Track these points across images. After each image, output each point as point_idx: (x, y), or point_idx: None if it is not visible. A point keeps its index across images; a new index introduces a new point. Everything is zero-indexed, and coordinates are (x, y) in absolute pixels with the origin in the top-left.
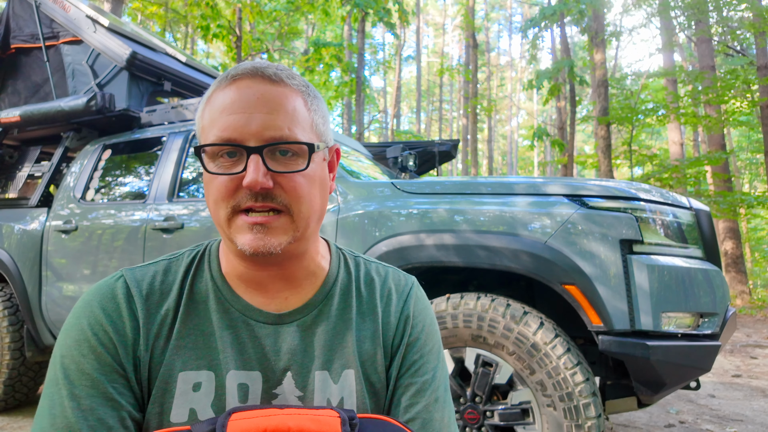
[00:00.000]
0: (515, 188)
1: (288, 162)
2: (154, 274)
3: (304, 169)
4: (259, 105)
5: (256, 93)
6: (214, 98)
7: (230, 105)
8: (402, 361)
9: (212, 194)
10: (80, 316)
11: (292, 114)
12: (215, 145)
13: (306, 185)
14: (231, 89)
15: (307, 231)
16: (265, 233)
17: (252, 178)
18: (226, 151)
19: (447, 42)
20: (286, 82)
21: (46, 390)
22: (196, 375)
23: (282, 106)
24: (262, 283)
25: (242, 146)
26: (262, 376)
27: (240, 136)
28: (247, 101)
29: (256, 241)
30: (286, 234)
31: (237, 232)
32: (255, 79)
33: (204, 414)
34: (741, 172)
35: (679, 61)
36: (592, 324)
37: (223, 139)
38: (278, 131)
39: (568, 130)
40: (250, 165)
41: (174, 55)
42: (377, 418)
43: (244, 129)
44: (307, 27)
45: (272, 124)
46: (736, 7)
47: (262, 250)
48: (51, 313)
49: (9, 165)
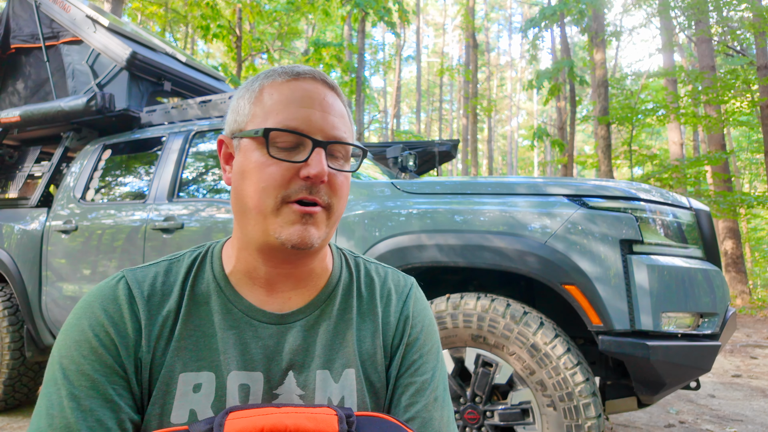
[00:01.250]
0: (515, 188)
1: (337, 162)
2: (155, 275)
3: (355, 170)
4: (325, 106)
5: (322, 94)
6: (271, 91)
7: (299, 99)
8: (401, 360)
9: (262, 180)
10: (81, 317)
11: (347, 123)
12: (286, 131)
13: (346, 185)
14: (294, 85)
15: (333, 230)
16: (312, 224)
17: (319, 168)
18: (287, 140)
19: (447, 42)
20: (340, 94)
21: (44, 390)
22: (197, 376)
23: (341, 113)
24: (270, 281)
25: (311, 138)
26: (264, 377)
27: (308, 128)
28: (314, 99)
29: (303, 231)
30: (324, 228)
31: (285, 222)
32: (318, 82)
33: (204, 415)
34: (741, 172)
35: (679, 61)
36: (592, 324)
37: (291, 127)
38: (339, 132)
39: (568, 130)
40: (315, 156)
41: (174, 55)
42: (374, 416)
43: (314, 123)
44: (307, 27)
45: (336, 124)
46: (736, 7)
47: (307, 241)
48: (51, 313)
49: (9, 165)
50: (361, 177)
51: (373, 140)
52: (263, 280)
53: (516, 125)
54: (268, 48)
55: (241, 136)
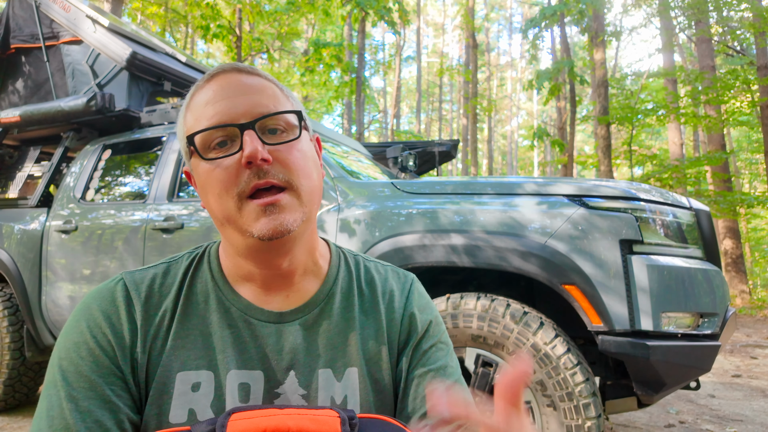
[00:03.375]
0: (515, 188)
1: (279, 137)
2: (154, 277)
3: (297, 137)
4: (240, 90)
5: (237, 82)
6: (194, 99)
7: (213, 96)
8: (412, 354)
9: (214, 187)
10: (79, 319)
11: (272, 96)
12: (206, 129)
13: (301, 158)
14: (210, 84)
15: (312, 210)
16: (279, 212)
17: (251, 149)
18: (219, 138)
19: (447, 42)
20: (260, 74)
21: (44, 392)
22: (196, 375)
23: (262, 90)
24: (266, 282)
25: (234, 125)
26: (264, 376)
27: (229, 118)
28: (228, 89)
29: (271, 222)
30: (296, 211)
31: (250, 219)
32: (231, 73)
33: (203, 414)
34: (741, 172)
35: (679, 61)
36: (592, 324)
37: (213, 124)
38: (265, 108)
39: (568, 130)
40: (246, 139)
41: (174, 55)
42: (377, 418)
43: (232, 111)
44: (307, 27)
45: (258, 102)
46: (736, 7)
47: (280, 229)
48: (51, 314)
49: (9, 165)
50: (362, 177)
51: (373, 140)
52: (259, 281)
53: (516, 125)
54: (268, 48)
55: (188, 157)
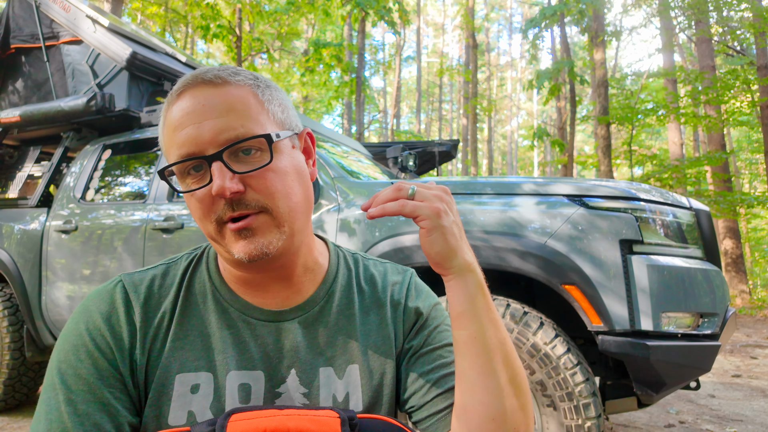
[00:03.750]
0: (515, 188)
1: (253, 161)
2: (153, 278)
3: (268, 163)
4: (206, 112)
5: (201, 101)
6: (167, 117)
7: (179, 120)
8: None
9: (194, 213)
10: (78, 321)
11: (242, 111)
12: (176, 163)
13: (278, 180)
14: (177, 104)
15: (294, 225)
16: (253, 235)
17: (218, 185)
18: (191, 167)
19: (447, 42)
20: (229, 81)
21: (43, 394)
22: (195, 377)
23: (230, 106)
24: (262, 284)
25: (201, 157)
26: (264, 375)
27: (197, 147)
28: (194, 111)
29: (247, 245)
30: (271, 232)
31: (230, 242)
32: (197, 88)
33: (202, 416)
34: (741, 172)
35: (679, 61)
36: (592, 324)
37: (182, 155)
38: (232, 131)
39: (568, 130)
40: (214, 172)
41: (174, 55)
42: (377, 418)
43: (199, 139)
44: (307, 27)
45: (224, 126)
46: (736, 7)
47: (256, 253)
48: (51, 314)
49: (9, 165)
50: (362, 177)
51: (373, 140)
52: (256, 285)
53: (516, 125)
54: (268, 48)
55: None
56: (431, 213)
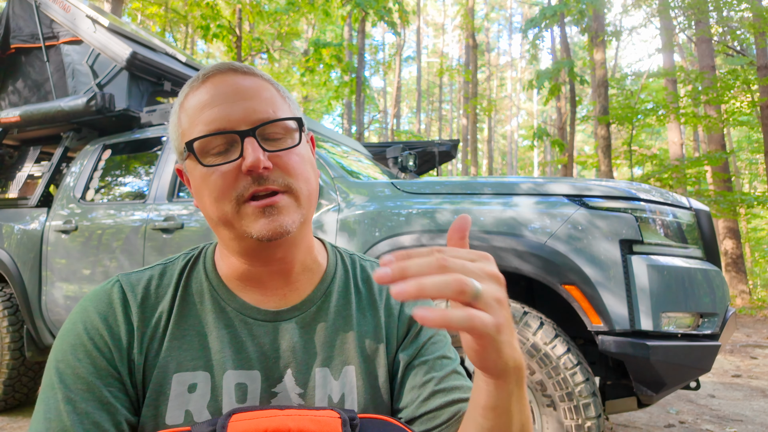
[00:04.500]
0: (515, 188)
1: (278, 143)
2: (150, 278)
3: (297, 144)
4: (238, 94)
5: (233, 85)
6: (189, 101)
7: (210, 100)
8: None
9: (212, 191)
10: (76, 321)
11: (270, 99)
12: (207, 136)
13: (300, 163)
14: (205, 87)
15: (309, 212)
16: (278, 213)
17: (253, 158)
18: (218, 144)
19: (447, 42)
20: (256, 73)
21: (41, 394)
22: (192, 376)
23: (259, 94)
24: (261, 280)
25: (235, 132)
26: (261, 375)
27: (229, 124)
28: (225, 93)
29: (271, 223)
30: (294, 213)
31: (249, 221)
32: (227, 74)
33: (200, 416)
34: (741, 172)
35: (679, 61)
36: (592, 324)
37: (213, 130)
38: (264, 113)
39: (568, 130)
40: (247, 147)
41: (174, 55)
42: (378, 419)
43: (231, 117)
44: (307, 27)
45: (256, 108)
46: (736, 7)
47: (279, 230)
48: (51, 314)
49: (9, 165)
50: (362, 177)
51: (373, 140)
52: (255, 281)
53: (516, 125)
54: (268, 48)
55: (182, 158)
56: (494, 329)
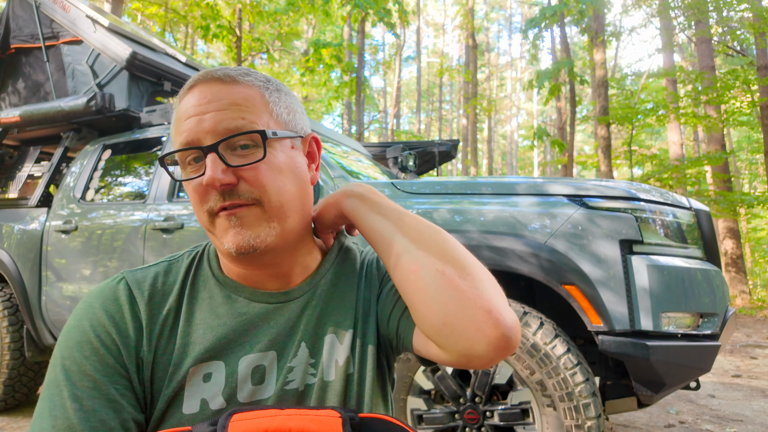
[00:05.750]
0: (515, 188)
1: (248, 155)
2: (156, 275)
3: (261, 159)
4: (211, 104)
5: (208, 95)
6: (180, 107)
7: (186, 111)
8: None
9: (192, 201)
10: (82, 318)
11: (245, 107)
12: (174, 152)
13: (270, 174)
14: (187, 97)
15: (286, 222)
16: (242, 226)
17: (208, 176)
18: (192, 156)
19: (447, 42)
20: (239, 80)
21: (45, 391)
22: (207, 366)
23: (234, 101)
24: (260, 281)
25: (197, 147)
26: (276, 354)
27: (196, 136)
28: (199, 104)
29: (238, 236)
30: (260, 225)
31: (221, 233)
32: (208, 83)
33: (214, 402)
34: (741, 172)
35: (679, 61)
36: (592, 324)
37: (183, 144)
38: (231, 123)
39: (568, 130)
40: (208, 164)
41: (174, 55)
42: (379, 418)
43: (199, 129)
44: (307, 27)
45: (224, 117)
46: (736, 7)
47: (245, 245)
48: (51, 314)
49: (9, 165)
50: (362, 177)
51: (373, 140)
52: (251, 279)
53: (516, 125)
54: (268, 48)
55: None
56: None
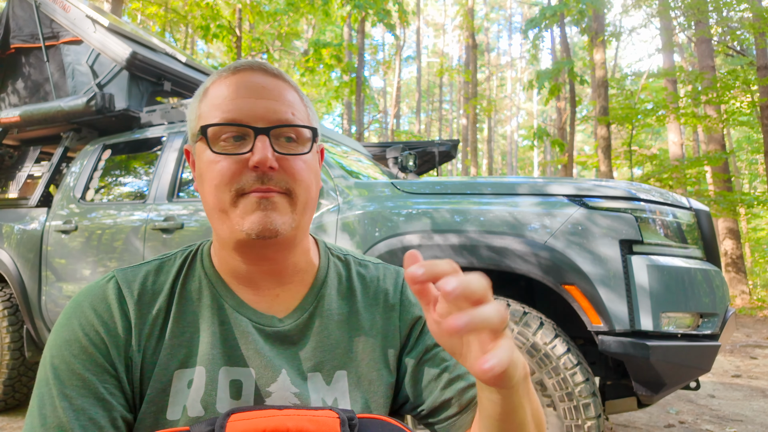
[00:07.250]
0: (515, 188)
1: (290, 147)
2: (146, 275)
3: (307, 152)
4: (264, 92)
5: (260, 82)
6: (214, 89)
7: (235, 91)
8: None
9: (214, 178)
10: (71, 317)
11: (292, 104)
12: (222, 124)
13: (305, 170)
14: (233, 79)
15: (303, 218)
16: (271, 209)
17: (261, 156)
18: (230, 134)
19: (447, 42)
20: (284, 78)
21: (36, 390)
22: (191, 372)
23: (284, 96)
24: (253, 279)
25: (250, 126)
26: (255, 374)
27: (247, 117)
28: (251, 88)
29: (263, 218)
30: (287, 214)
31: (244, 213)
32: (256, 72)
33: (193, 410)
34: (741, 172)
35: (679, 61)
36: (592, 324)
37: (229, 120)
38: (284, 115)
39: (568, 130)
40: (258, 144)
41: (174, 55)
42: (377, 418)
43: (251, 112)
44: (307, 27)
45: (278, 109)
46: (736, 7)
47: (269, 227)
48: (51, 314)
49: (9, 165)
50: (362, 177)
51: (373, 140)
52: (246, 279)
53: (516, 125)
54: (267, 48)
55: (194, 140)
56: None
